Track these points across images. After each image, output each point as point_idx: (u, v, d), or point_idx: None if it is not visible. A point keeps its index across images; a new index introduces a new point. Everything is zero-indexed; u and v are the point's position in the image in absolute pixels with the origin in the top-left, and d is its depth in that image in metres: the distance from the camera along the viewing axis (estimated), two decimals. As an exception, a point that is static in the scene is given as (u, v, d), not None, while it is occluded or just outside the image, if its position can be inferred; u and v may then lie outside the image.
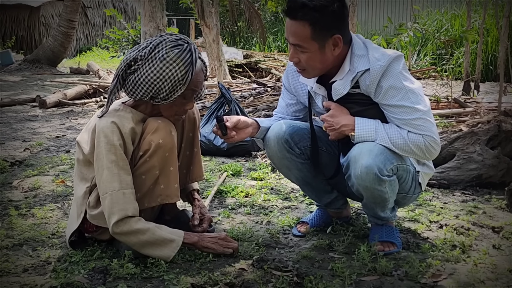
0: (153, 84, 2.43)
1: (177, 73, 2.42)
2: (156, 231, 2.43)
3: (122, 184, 2.42)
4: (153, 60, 2.42)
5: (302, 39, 2.40)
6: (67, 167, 4.29)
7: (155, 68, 2.41)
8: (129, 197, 2.43)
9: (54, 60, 15.80)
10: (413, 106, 2.39)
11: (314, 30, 2.37)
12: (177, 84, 2.44)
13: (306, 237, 2.81)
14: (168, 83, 2.43)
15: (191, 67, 2.44)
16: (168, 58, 2.41)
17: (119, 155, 2.44)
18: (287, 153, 2.69)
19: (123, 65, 2.49)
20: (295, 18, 2.39)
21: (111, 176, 2.42)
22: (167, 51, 2.42)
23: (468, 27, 7.85)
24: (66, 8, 15.49)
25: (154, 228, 2.44)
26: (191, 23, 20.68)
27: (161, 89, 2.44)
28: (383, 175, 2.41)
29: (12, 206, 3.28)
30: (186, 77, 2.43)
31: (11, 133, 5.99)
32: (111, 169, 2.42)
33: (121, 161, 2.44)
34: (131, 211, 2.41)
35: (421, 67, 11.41)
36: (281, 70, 10.05)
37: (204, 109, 6.00)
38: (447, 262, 2.46)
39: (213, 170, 4.21)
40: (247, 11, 10.44)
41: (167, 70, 2.41)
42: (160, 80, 2.42)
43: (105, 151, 2.43)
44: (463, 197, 3.47)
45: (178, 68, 2.42)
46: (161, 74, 2.41)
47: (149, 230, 2.42)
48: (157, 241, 2.43)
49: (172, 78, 2.42)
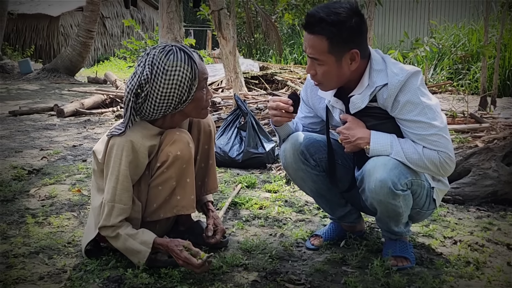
0: (172, 96, 2.47)
1: (185, 74, 2.48)
2: (125, 241, 2.49)
3: (115, 197, 2.48)
4: (158, 77, 2.46)
5: (319, 53, 2.42)
6: (83, 176, 4.33)
7: (164, 83, 2.46)
8: (116, 211, 2.48)
9: (72, 69, 15.97)
10: (430, 122, 2.39)
11: (331, 45, 2.39)
12: (191, 82, 2.50)
13: (319, 250, 2.81)
14: (183, 87, 2.48)
15: (192, 61, 2.50)
16: (169, 67, 2.46)
17: (123, 171, 2.48)
18: (302, 164, 2.71)
19: (130, 96, 2.49)
20: (313, 32, 2.41)
21: (110, 188, 2.49)
22: (164, 62, 2.46)
23: (486, 42, 7.82)
24: (85, 18, 15.68)
25: (125, 238, 2.49)
26: (208, 34, 20.86)
27: (181, 95, 2.50)
28: (397, 189, 2.41)
29: (29, 214, 3.32)
30: (194, 71, 2.50)
31: (29, 142, 6.06)
32: (111, 181, 2.48)
33: (122, 176, 2.48)
34: (111, 223, 2.48)
35: (438, 81, 11.37)
36: (297, 82, 10.06)
37: (220, 120, 6.03)
38: (461, 279, 2.45)
39: (228, 181, 4.23)
40: (264, 23, 10.49)
41: (175, 77, 2.46)
42: (175, 88, 2.47)
43: (112, 163, 2.48)
44: (478, 213, 3.45)
45: (184, 69, 2.47)
46: (173, 83, 2.46)
47: (121, 239, 2.49)
48: (126, 250, 2.50)
49: (184, 80, 2.48)
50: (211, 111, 6.98)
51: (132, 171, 2.50)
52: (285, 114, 2.59)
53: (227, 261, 2.59)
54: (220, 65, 9.38)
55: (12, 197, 3.70)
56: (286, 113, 2.59)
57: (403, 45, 12.48)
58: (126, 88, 2.52)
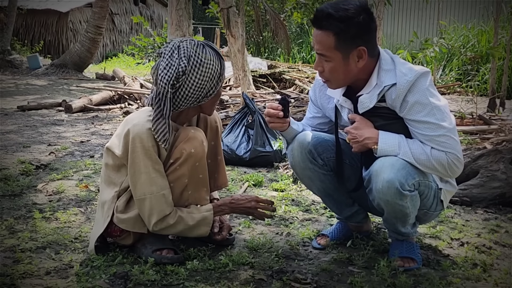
0: (202, 88, 2.56)
1: (217, 68, 2.59)
2: (188, 219, 2.57)
3: (159, 186, 2.51)
4: (195, 68, 2.52)
5: (326, 49, 2.42)
6: (91, 172, 4.34)
7: (199, 73, 2.54)
8: (167, 198, 2.53)
9: (80, 65, 16.02)
10: (438, 123, 2.39)
11: (338, 40, 2.39)
12: (219, 76, 2.62)
13: (325, 250, 2.81)
14: (213, 80, 2.59)
15: (220, 57, 2.62)
16: (205, 59, 2.55)
17: (155, 159, 2.51)
18: (310, 163, 2.70)
19: (168, 87, 2.49)
20: (320, 27, 2.42)
21: (149, 180, 2.50)
22: (200, 55, 2.54)
23: (495, 44, 7.79)
24: (94, 15, 15.72)
25: (186, 216, 2.57)
26: (216, 32, 20.86)
27: (209, 88, 2.59)
28: (405, 189, 2.40)
29: (36, 209, 3.34)
30: (222, 66, 2.63)
31: (37, 137, 6.08)
32: (148, 173, 2.50)
33: (157, 164, 2.52)
34: (168, 210, 2.53)
35: (446, 82, 11.33)
36: (305, 81, 10.05)
37: (228, 118, 6.03)
38: (468, 281, 2.45)
39: (235, 180, 4.23)
40: (272, 21, 10.46)
41: (209, 70, 2.56)
42: (206, 82, 2.56)
43: (141, 155, 2.49)
44: (486, 215, 3.44)
45: (215, 63, 2.58)
46: (206, 76, 2.55)
47: (183, 220, 2.56)
48: (192, 226, 2.58)
49: (215, 73, 2.59)
50: (219, 108, 6.98)
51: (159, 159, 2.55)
52: (277, 120, 2.61)
53: (233, 259, 2.59)
54: (228, 63, 9.37)
55: (19, 192, 3.72)
56: (278, 119, 2.60)
57: (412, 45, 12.45)
58: (161, 79, 2.50)
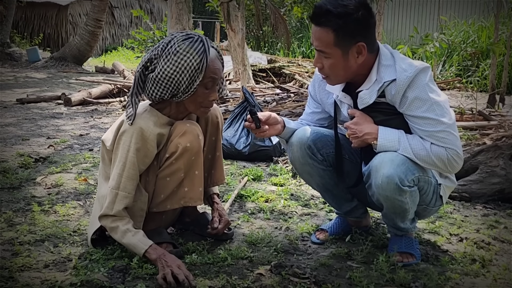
0: (171, 78, 2.46)
1: (192, 62, 2.44)
2: (125, 236, 2.45)
3: (119, 185, 2.48)
4: (167, 56, 2.46)
5: (325, 45, 2.41)
6: (89, 165, 4.34)
7: (170, 62, 2.45)
8: (120, 199, 2.48)
9: (80, 58, 15.99)
10: (438, 119, 2.38)
11: (337, 37, 2.38)
12: (195, 73, 2.46)
13: (324, 244, 2.81)
14: (185, 74, 2.45)
15: (204, 54, 2.46)
16: (181, 49, 2.45)
17: (130, 158, 2.48)
18: (309, 159, 2.70)
19: (140, 67, 2.54)
20: (319, 24, 2.41)
21: (116, 175, 2.49)
22: (179, 44, 2.46)
23: (496, 40, 7.78)
24: (94, 8, 15.69)
25: (124, 232, 2.46)
26: (216, 26, 20.83)
27: (180, 82, 2.46)
28: (404, 185, 2.40)
29: (35, 202, 3.33)
30: (202, 64, 2.46)
31: (36, 130, 6.07)
32: (118, 168, 2.49)
33: (129, 164, 2.49)
34: (114, 212, 2.47)
35: (446, 78, 11.32)
36: (305, 76, 10.04)
37: (227, 112, 6.02)
38: (466, 276, 2.45)
39: (234, 174, 4.23)
40: (272, 16, 10.44)
41: (182, 62, 2.44)
42: (177, 72, 2.45)
43: (120, 151, 2.50)
44: (485, 211, 3.44)
45: (193, 58, 2.44)
46: (177, 67, 2.44)
47: (120, 232, 2.46)
48: (125, 244, 2.47)
49: (189, 68, 2.44)
50: (219, 103, 6.97)
51: (140, 160, 2.50)
52: (257, 131, 2.63)
53: (232, 253, 2.59)
54: (228, 57, 9.36)
55: (18, 185, 3.71)
56: (256, 130, 2.62)
57: (412, 40, 12.44)
58: (141, 59, 2.55)
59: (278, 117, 2.71)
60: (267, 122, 2.65)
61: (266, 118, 2.64)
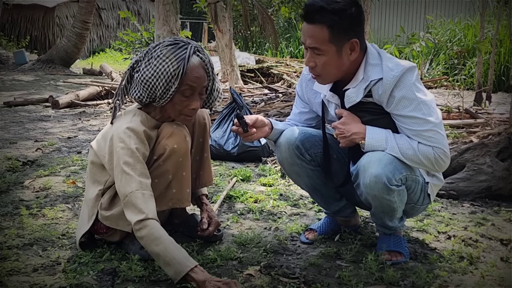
0: (148, 82, 2.46)
1: (170, 68, 2.44)
2: (169, 251, 2.26)
3: (140, 185, 2.39)
4: (150, 59, 2.48)
5: (320, 42, 2.41)
6: (78, 168, 4.32)
7: (150, 66, 2.46)
8: (148, 198, 2.38)
9: (67, 60, 15.90)
10: (425, 118, 2.40)
11: (332, 33, 2.39)
12: (170, 79, 2.44)
13: (314, 244, 2.82)
14: (161, 79, 2.44)
15: (183, 62, 2.45)
16: (162, 54, 2.46)
17: (136, 158, 2.43)
18: (298, 159, 2.70)
19: (129, 67, 2.57)
20: (313, 21, 2.41)
21: (130, 179, 2.38)
22: (161, 49, 2.47)
23: (481, 38, 7.83)
24: (81, 9, 15.60)
25: (169, 245, 2.28)
26: (204, 27, 20.78)
27: (156, 87, 2.46)
28: (392, 184, 2.41)
29: (23, 205, 3.32)
30: (178, 71, 2.44)
31: (24, 133, 6.04)
32: (128, 172, 2.39)
33: (138, 164, 2.43)
34: (151, 214, 2.33)
35: (433, 76, 11.37)
36: (293, 76, 10.06)
37: (215, 113, 6.01)
38: (454, 274, 2.46)
39: (223, 175, 4.23)
40: (260, 16, 10.45)
41: (159, 66, 2.44)
42: (154, 77, 2.45)
43: (121, 155, 2.42)
44: (472, 208, 3.46)
45: (171, 64, 2.44)
46: (155, 71, 2.45)
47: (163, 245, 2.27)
48: (163, 261, 2.26)
49: (165, 73, 2.44)
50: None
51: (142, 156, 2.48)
52: (244, 135, 2.63)
53: (221, 254, 2.59)
54: (216, 58, 9.36)
55: (6, 189, 3.69)
56: (244, 133, 2.62)
57: (399, 40, 12.49)
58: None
59: (265, 119, 2.71)
60: (255, 125, 2.66)
61: (253, 122, 2.65)
